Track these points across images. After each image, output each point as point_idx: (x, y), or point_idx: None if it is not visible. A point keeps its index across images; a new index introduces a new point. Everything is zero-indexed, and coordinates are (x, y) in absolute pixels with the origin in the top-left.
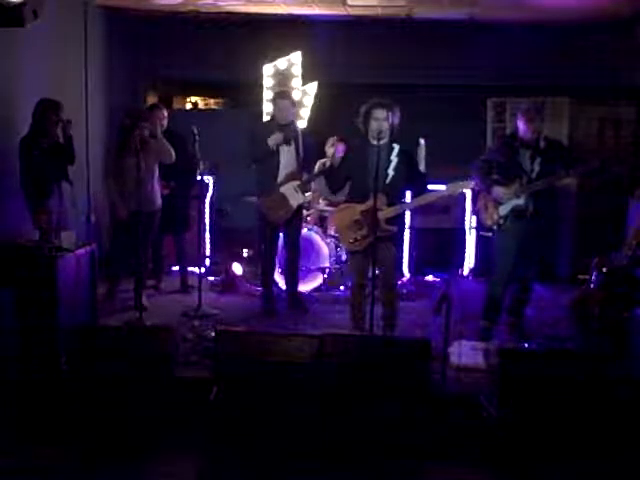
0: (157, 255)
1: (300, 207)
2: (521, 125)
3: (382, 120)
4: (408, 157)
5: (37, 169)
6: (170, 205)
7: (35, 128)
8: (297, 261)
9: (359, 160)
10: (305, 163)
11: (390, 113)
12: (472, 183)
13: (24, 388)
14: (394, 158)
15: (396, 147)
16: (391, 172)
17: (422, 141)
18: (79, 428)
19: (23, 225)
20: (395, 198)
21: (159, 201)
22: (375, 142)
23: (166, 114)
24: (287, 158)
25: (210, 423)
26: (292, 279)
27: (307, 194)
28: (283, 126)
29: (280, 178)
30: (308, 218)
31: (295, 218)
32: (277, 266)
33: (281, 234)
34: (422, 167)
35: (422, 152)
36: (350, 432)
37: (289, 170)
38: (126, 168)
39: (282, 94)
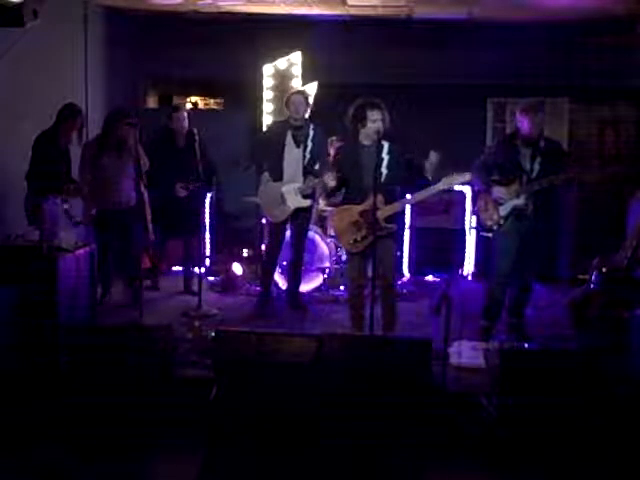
0: (155, 256)
1: (303, 209)
2: (521, 124)
3: (379, 120)
4: (397, 154)
5: (51, 167)
6: (183, 208)
7: (56, 128)
8: (300, 261)
9: (353, 161)
10: (312, 165)
11: (384, 112)
12: (468, 175)
13: (24, 388)
14: (385, 156)
15: (385, 145)
16: (384, 170)
17: (434, 153)
18: (79, 427)
19: (22, 225)
20: (392, 196)
21: (133, 200)
22: (368, 142)
23: (186, 115)
24: (293, 159)
25: (210, 423)
26: (294, 279)
27: (309, 199)
28: (296, 127)
29: (284, 178)
30: None
31: (301, 217)
32: (277, 266)
33: (288, 233)
34: (429, 176)
35: (434, 163)
36: (350, 432)
37: (292, 171)
38: (104, 166)
39: (295, 91)
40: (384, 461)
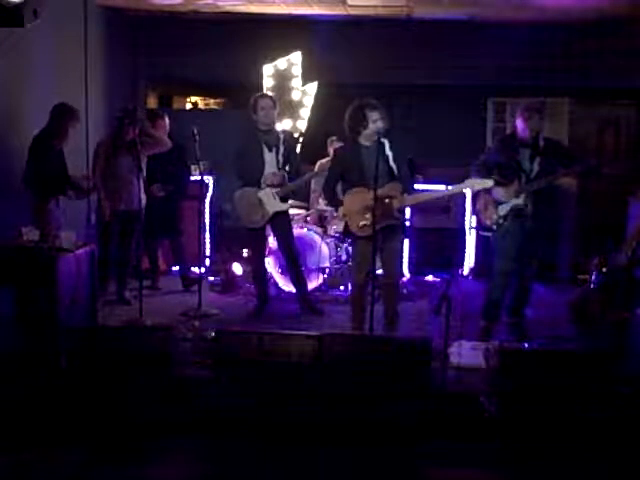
0: (153, 256)
1: (281, 213)
2: (520, 124)
3: (379, 120)
4: (397, 149)
5: (49, 168)
6: (164, 209)
7: (51, 129)
8: (297, 264)
9: (355, 162)
10: (285, 169)
11: (382, 112)
12: (490, 182)
13: (24, 388)
14: (389, 152)
15: (386, 142)
16: (393, 164)
17: None
18: (79, 428)
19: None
20: (407, 188)
21: (144, 201)
22: (368, 143)
23: (167, 122)
24: (267, 163)
25: (210, 423)
26: (299, 283)
27: (287, 203)
28: (265, 132)
29: (262, 183)
30: (308, 218)
31: (281, 221)
32: (277, 266)
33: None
34: None
35: None
36: (350, 432)
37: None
38: (118, 167)
39: (263, 95)
40: (384, 461)
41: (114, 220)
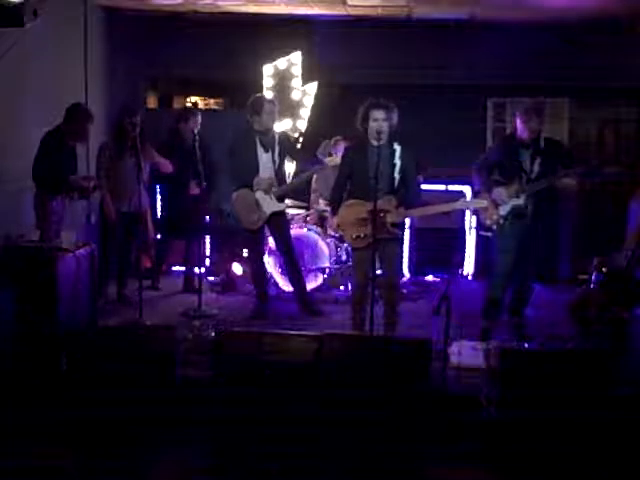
0: (161, 256)
1: (278, 213)
2: (519, 125)
3: (381, 120)
4: (409, 159)
5: (59, 166)
6: (189, 210)
7: (64, 128)
8: (295, 265)
9: (360, 162)
10: (281, 170)
11: (389, 113)
12: (485, 202)
13: (24, 388)
14: (397, 161)
15: (397, 149)
16: (397, 176)
17: None
18: (79, 428)
19: (23, 225)
20: (405, 201)
21: (145, 205)
22: (376, 143)
23: (199, 119)
24: (263, 164)
25: (210, 423)
26: (299, 284)
27: (284, 203)
28: (262, 133)
29: (254, 187)
30: (308, 218)
31: (278, 221)
32: (277, 266)
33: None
34: None
35: None
36: (349, 432)
37: (265, 176)
38: (122, 168)
39: (269, 100)
40: (384, 461)
41: (118, 221)
